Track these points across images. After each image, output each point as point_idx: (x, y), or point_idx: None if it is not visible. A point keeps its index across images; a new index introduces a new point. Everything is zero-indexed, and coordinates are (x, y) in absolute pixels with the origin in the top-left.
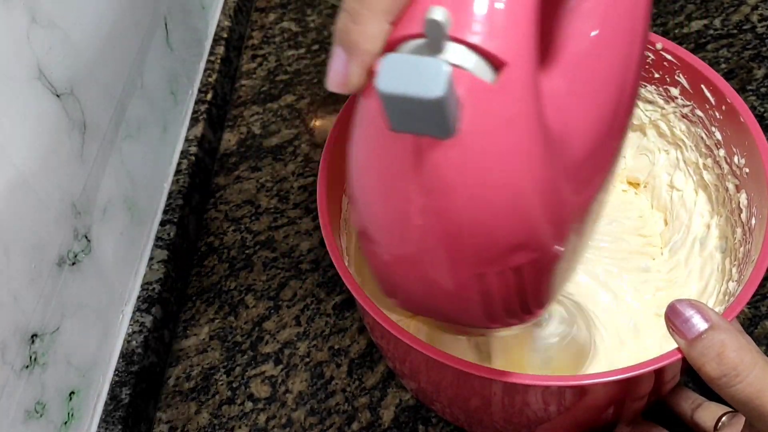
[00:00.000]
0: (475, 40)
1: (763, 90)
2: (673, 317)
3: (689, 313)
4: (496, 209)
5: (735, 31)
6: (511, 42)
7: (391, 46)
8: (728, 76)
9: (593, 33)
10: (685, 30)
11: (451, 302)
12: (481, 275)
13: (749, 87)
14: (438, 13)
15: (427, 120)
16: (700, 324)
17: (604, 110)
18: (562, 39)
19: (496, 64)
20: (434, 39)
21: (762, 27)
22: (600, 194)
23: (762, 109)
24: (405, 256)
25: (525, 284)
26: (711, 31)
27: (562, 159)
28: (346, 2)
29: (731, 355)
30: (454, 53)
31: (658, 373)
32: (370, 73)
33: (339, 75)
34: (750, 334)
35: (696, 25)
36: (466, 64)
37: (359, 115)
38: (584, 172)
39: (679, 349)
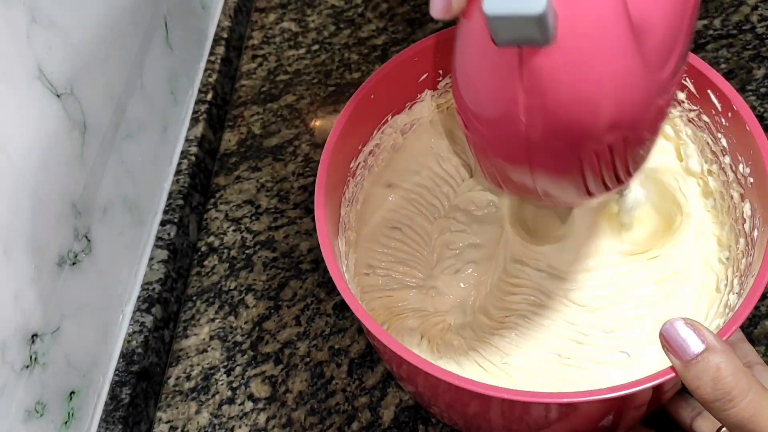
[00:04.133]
0: None
1: (763, 90)
2: (669, 338)
3: (685, 333)
4: (593, 100)
5: (735, 32)
6: None
7: None
8: (728, 76)
9: None
10: None
11: (556, 184)
12: (582, 155)
13: (749, 87)
14: None
15: (529, 33)
16: (695, 346)
17: None
18: None
19: None
20: None
21: (762, 27)
22: (677, 73)
23: (762, 109)
24: (515, 149)
25: (619, 157)
26: (711, 31)
27: (644, 45)
28: None
29: (726, 380)
30: None
31: (657, 387)
32: None
33: (441, 2)
34: (750, 334)
35: (696, 25)
36: None
37: (462, 35)
38: (664, 53)
39: (674, 369)
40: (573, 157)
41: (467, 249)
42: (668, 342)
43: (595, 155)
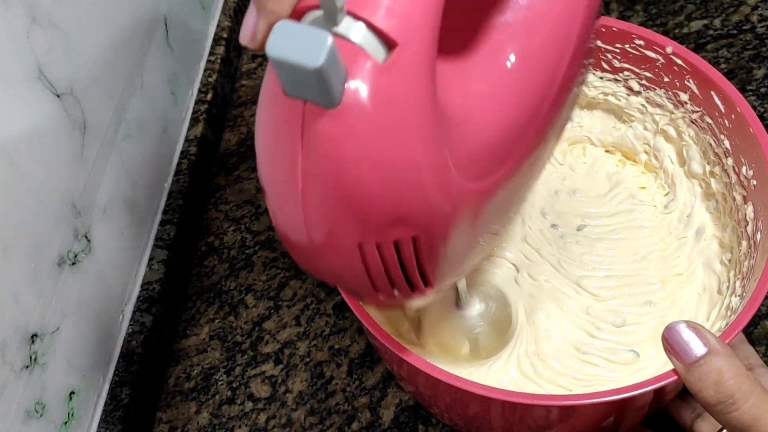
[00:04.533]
0: (369, 17)
1: (763, 90)
2: (671, 340)
3: (687, 336)
4: (373, 182)
5: (735, 32)
6: (407, 24)
7: (297, 14)
8: (728, 76)
9: (517, 35)
10: (685, 30)
11: (335, 267)
12: (360, 244)
13: (749, 87)
14: None
15: (311, 87)
16: (698, 349)
17: (517, 108)
18: (489, 34)
19: (388, 43)
20: (329, 11)
21: (762, 27)
22: (513, 185)
23: (762, 109)
24: (292, 218)
25: (408, 258)
26: (711, 31)
27: (458, 145)
28: None
29: (729, 383)
30: (348, 27)
31: (658, 390)
32: None
33: (248, 30)
34: (750, 334)
35: (696, 25)
36: (356, 39)
37: (266, 76)
38: (488, 161)
39: (675, 371)
40: (351, 242)
41: None
42: (670, 345)
43: (376, 247)
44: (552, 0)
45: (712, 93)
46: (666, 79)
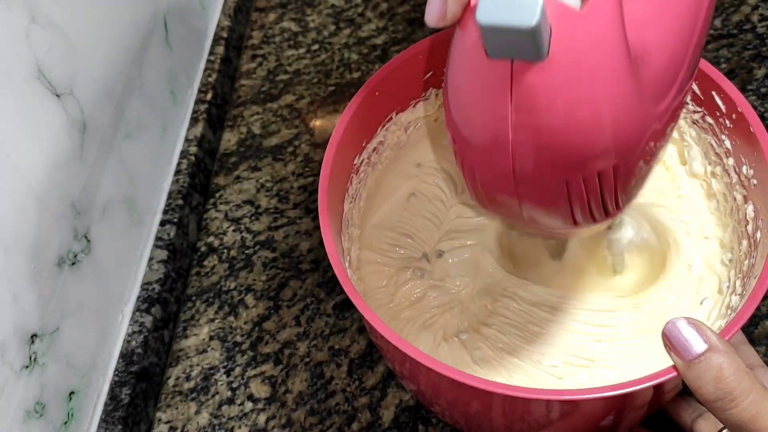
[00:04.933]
0: None
1: (763, 90)
2: (671, 337)
3: (687, 333)
4: (583, 122)
5: (735, 31)
6: None
7: None
8: (728, 76)
9: None
10: None
11: (541, 206)
12: (569, 180)
13: (749, 87)
14: None
15: (521, 46)
16: (698, 345)
17: (679, 30)
18: None
19: None
20: None
21: (762, 27)
22: (675, 109)
23: (762, 109)
24: (500, 166)
25: (607, 187)
26: (711, 31)
27: (642, 74)
28: None
29: (728, 380)
30: None
31: (658, 387)
32: (465, 8)
33: (438, 9)
34: (750, 334)
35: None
36: None
37: (456, 46)
38: (661, 85)
39: (675, 368)
40: (559, 181)
41: (463, 249)
42: (670, 341)
43: (582, 182)
44: None
45: (714, 93)
46: None
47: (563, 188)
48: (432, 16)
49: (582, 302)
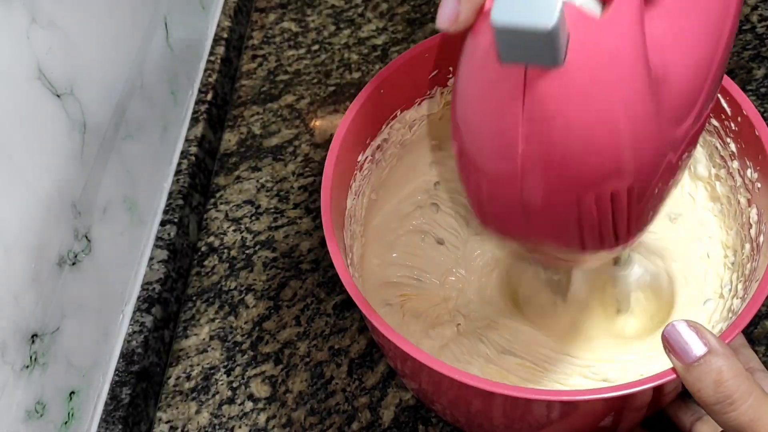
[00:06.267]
0: None
1: (763, 90)
2: (671, 339)
3: (687, 336)
4: (598, 138)
5: None
6: None
7: None
8: (728, 76)
9: None
10: None
11: (547, 226)
12: (579, 199)
13: (749, 87)
14: None
15: (537, 50)
16: (697, 348)
17: (701, 52)
18: None
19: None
20: None
21: (762, 27)
22: (694, 134)
23: (762, 109)
24: (507, 179)
25: (619, 210)
26: None
27: (661, 94)
28: None
29: (728, 383)
30: None
31: (657, 388)
32: (479, 12)
33: (450, 13)
34: (750, 334)
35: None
36: None
37: (468, 51)
38: (682, 107)
39: (675, 370)
40: (570, 199)
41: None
42: (670, 344)
43: (594, 201)
44: None
45: (719, 96)
46: None
47: (573, 208)
48: (443, 18)
49: (583, 351)
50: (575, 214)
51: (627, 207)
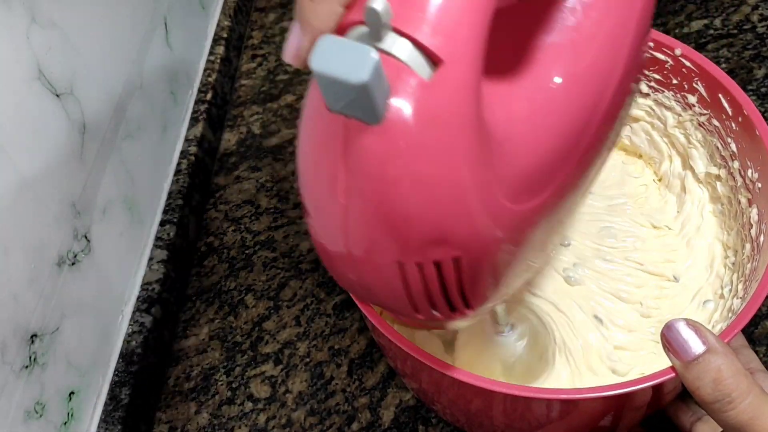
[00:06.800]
0: (414, 33)
1: (763, 90)
2: (670, 337)
3: (686, 334)
4: (415, 202)
5: (735, 31)
6: (452, 41)
7: (341, 29)
8: (728, 75)
9: (565, 58)
10: (686, 30)
11: (375, 285)
12: (401, 263)
13: (749, 87)
14: (378, 3)
15: (355, 103)
16: (696, 347)
17: (563, 130)
18: (535, 55)
19: (434, 60)
20: (374, 27)
21: (762, 27)
22: (557, 208)
23: (762, 109)
24: (332, 233)
25: (449, 279)
26: (711, 31)
27: (501, 166)
28: None
29: (727, 381)
30: (393, 43)
31: (657, 387)
32: None
33: (292, 48)
34: (750, 334)
35: (696, 24)
36: (401, 56)
37: (309, 91)
38: (532, 183)
39: (674, 369)
40: (390, 258)
41: None
42: (669, 342)
43: (416, 266)
44: (601, 21)
45: (720, 95)
46: (675, 82)
47: (395, 269)
48: (287, 53)
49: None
50: (399, 276)
51: (456, 278)
